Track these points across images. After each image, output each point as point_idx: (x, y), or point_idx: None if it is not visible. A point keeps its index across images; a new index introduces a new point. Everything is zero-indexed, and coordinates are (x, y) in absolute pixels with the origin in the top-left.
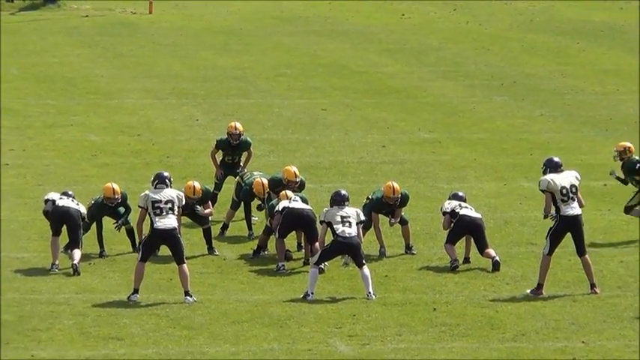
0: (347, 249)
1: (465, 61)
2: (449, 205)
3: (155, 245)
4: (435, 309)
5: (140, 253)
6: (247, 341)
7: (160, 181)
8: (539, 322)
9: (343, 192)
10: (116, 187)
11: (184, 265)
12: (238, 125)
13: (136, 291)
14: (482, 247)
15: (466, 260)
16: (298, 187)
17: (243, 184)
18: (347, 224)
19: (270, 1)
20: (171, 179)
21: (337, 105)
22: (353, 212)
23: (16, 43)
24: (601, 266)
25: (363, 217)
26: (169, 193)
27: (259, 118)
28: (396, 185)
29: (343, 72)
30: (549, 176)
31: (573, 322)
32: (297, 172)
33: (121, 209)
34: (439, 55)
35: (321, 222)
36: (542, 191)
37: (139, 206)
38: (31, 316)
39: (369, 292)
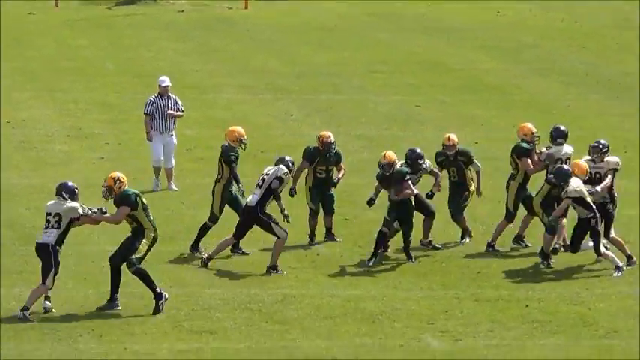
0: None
1: (560, 59)
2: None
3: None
4: (527, 305)
5: None
6: (339, 336)
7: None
8: (632, 320)
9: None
10: None
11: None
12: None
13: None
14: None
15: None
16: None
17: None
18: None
19: None
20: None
21: (432, 101)
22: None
23: (111, 37)
24: None
25: None
26: None
27: (353, 114)
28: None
29: (438, 69)
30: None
31: None
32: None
33: None
34: (534, 53)
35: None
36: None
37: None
38: (124, 309)
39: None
